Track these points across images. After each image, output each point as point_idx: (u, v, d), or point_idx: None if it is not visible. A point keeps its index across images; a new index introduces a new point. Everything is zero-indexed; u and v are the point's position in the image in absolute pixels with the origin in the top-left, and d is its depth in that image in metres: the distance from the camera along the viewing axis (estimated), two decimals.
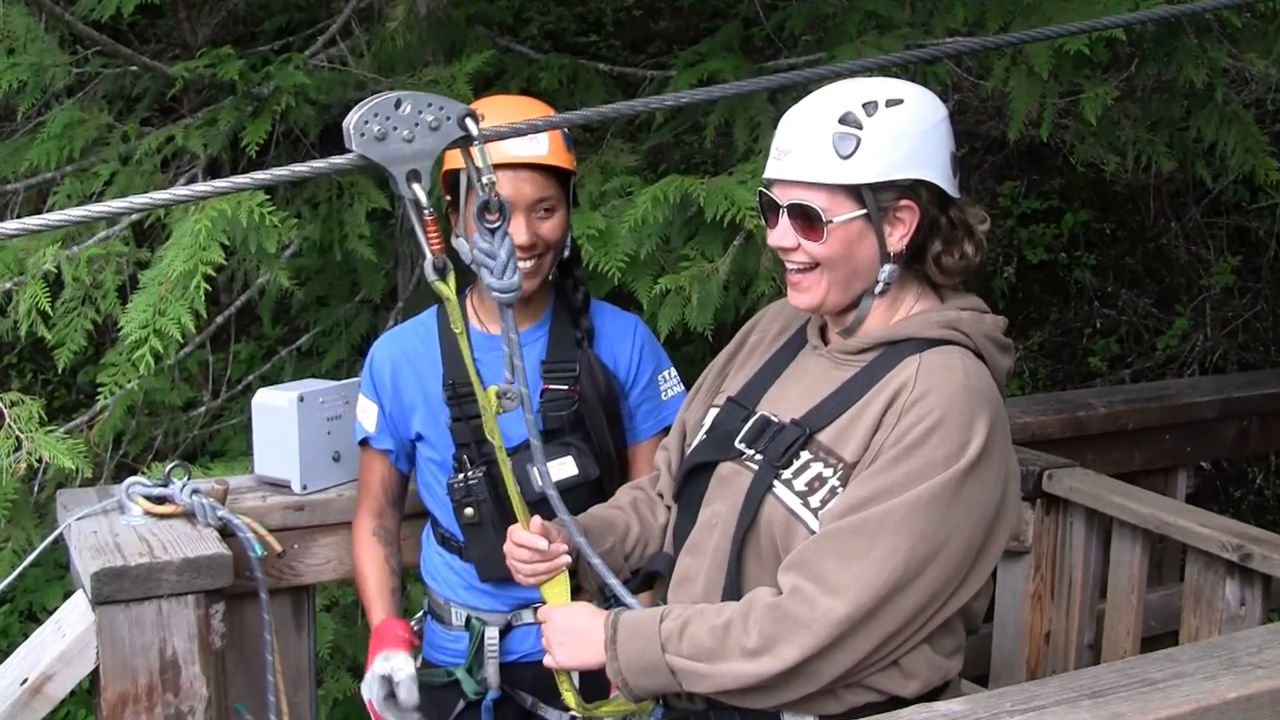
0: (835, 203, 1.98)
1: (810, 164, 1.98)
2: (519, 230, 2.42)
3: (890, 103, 1.99)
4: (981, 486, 1.92)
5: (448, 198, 2.56)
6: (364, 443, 2.73)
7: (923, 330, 2.02)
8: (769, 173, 2.04)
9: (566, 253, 2.57)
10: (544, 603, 2.20)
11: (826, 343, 2.14)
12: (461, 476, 2.52)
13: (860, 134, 1.96)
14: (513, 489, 2.14)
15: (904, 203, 1.99)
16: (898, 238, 2.01)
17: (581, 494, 2.45)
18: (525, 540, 2.15)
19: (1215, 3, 2.93)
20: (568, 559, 2.16)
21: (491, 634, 2.61)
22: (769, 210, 2.05)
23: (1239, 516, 5.66)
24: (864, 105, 1.98)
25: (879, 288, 2.04)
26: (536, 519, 2.16)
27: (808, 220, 1.99)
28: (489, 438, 2.13)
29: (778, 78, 2.23)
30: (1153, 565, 3.63)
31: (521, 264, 2.37)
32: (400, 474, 2.74)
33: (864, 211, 1.98)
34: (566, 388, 2.56)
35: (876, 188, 1.97)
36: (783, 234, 2.03)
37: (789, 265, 2.06)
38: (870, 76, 2.17)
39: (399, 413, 2.66)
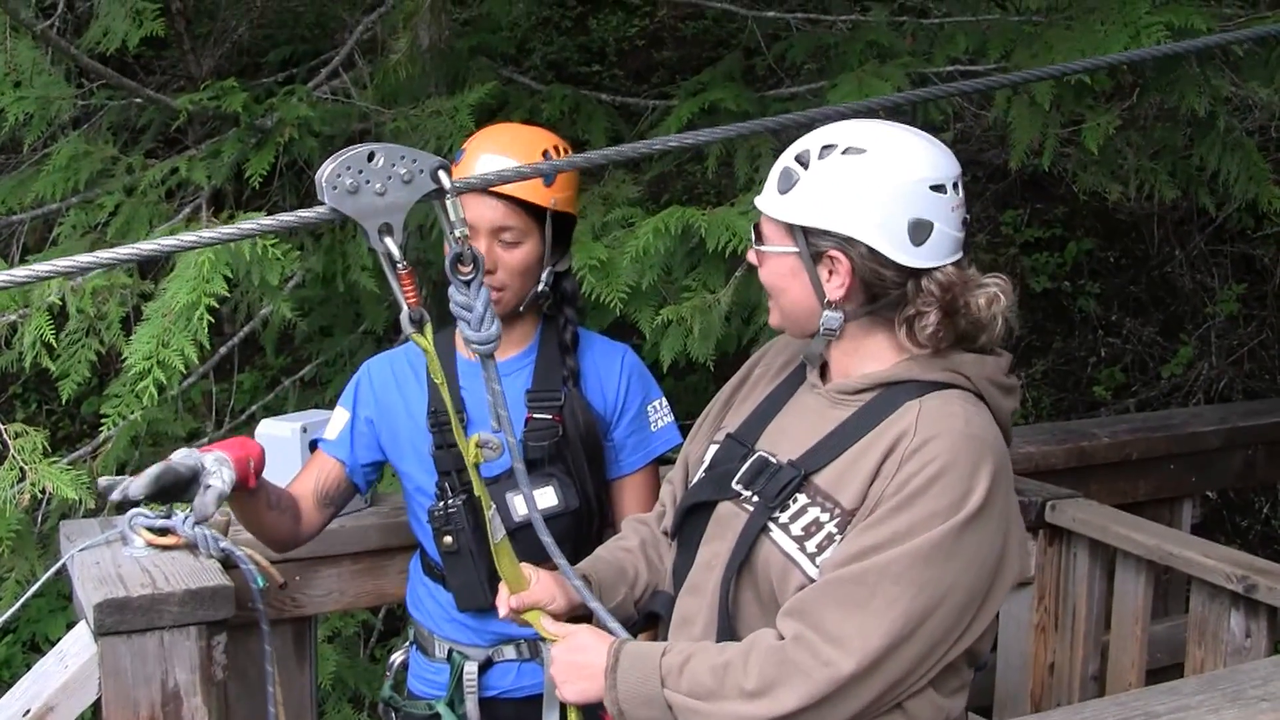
0: (775, 234, 2.01)
1: (764, 192, 2.03)
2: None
3: (848, 151, 1.95)
4: (983, 536, 1.89)
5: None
6: (314, 445, 2.70)
7: (922, 373, 1.99)
8: None
9: (541, 287, 2.52)
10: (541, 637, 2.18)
11: (825, 381, 2.13)
12: (442, 505, 2.50)
13: (802, 174, 1.96)
14: (492, 537, 2.10)
15: (834, 254, 1.96)
16: (834, 286, 1.97)
17: (562, 524, 2.42)
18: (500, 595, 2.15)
19: (1215, 39, 2.93)
20: (538, 608, 2.14)
21: (470, 669, 2.57)
22: None
23: (1245, 547, 5.65)
24: (822, 148, 1.96)
25: (823, 333, 2.01)
26: (528, 568, 2.14)
27: (757, 242, 2.06)
28: (473, 486, 2.10)
29: (779, 119, 2.22)
30: (1158, 596, 3.62)
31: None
32: (344, 480, 2.63)
33: (795, 250, 1.98)
34: (550, 417, 2.53)
35: (808, 231, 1.96)
36: (753, 253, 2.09)
37: None
38: (877, 117, 2.12)
39: (376, 429, 2.61)
